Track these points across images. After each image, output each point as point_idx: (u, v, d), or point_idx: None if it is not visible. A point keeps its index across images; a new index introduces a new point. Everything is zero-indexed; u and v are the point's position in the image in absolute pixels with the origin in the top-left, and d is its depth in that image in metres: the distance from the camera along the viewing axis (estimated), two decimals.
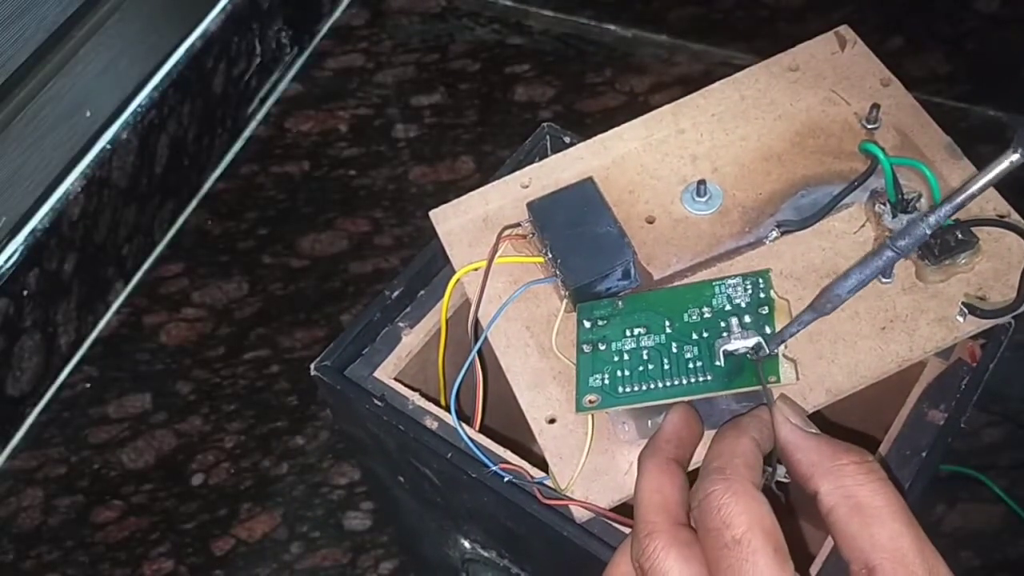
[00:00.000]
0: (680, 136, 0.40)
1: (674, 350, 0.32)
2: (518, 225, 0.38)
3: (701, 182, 0.38)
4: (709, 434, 0.32)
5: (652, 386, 0.32)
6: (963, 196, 0.27)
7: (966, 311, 0.34)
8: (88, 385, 0.65)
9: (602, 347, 0.33)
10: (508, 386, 0.36)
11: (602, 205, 0.37)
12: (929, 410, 0.37)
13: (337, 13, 0.83)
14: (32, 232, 0.61)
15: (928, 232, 0.29)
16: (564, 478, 0.33)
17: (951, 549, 0.54)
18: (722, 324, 0.32)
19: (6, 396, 0.61)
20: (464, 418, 0.37)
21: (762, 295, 0.32)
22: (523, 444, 0.37)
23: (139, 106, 0.67)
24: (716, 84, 0.41)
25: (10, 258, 0.60)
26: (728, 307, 0.33)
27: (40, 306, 0.62)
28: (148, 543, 0.58)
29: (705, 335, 0.32)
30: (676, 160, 0.39)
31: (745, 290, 0.33)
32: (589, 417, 0.33)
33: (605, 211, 0.36)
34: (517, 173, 0.40)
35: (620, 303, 0.34)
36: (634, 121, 0.41)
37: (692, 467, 0.32)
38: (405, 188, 0.73)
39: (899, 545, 0.26)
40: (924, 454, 0.36)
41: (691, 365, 0.32)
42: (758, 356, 0.31)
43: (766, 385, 0.30)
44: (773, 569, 0.26)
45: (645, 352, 0.33)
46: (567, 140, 0.43)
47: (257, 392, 0.64)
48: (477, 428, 0.37)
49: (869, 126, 0.39)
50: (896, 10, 0.77)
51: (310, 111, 0.78)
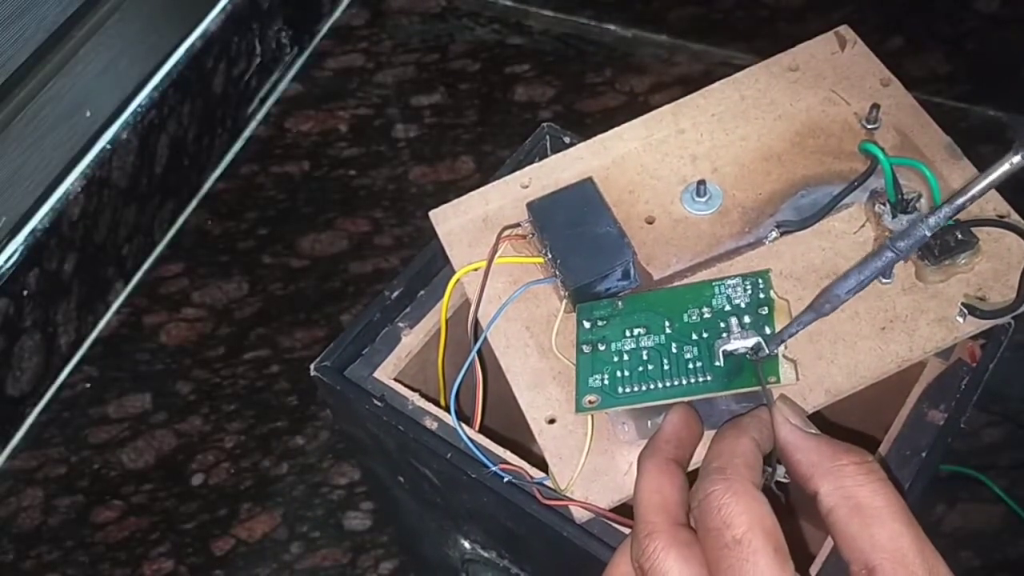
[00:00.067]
0: (680, 136, 0.40)
1: (674, 350, 0.32)
2: (518, 225, 0.38)
3: (701, 182, 0.38)
4: (709, 434, 0.32)
5: (652, 386, 0.32)
6: (964, 198, 0.28)
7: (966, 311, 0.34)
8: (88, 385, 0.65)
9: (602, 347, 0.33)
10: (508, 386, 0.36)
11: (602, 205, 0.37)
12: (929, 410, 0.37)
13: (337, 13, 0.83)
14: (32, 232, 0.61)
15: (928, 234, 0.29)
16: (564, 478, 0.33)
17: (951, 549, 0.54)
18: (722, 324, 0.32)
19: (6, 396, 0.61)
20: (464, 418, 0.37)
21: (762, 295, 0.32)
22: (523, 444, 0.37)
23: (139, 106, 0.67)
24: (716, 84, 0.41)
25: (10, 258, 0.60)
26: (728, 307, 0.33)
27: (40, 306, 0.62)
28: (148, 543, 0.58)
29: (705, 335, 0.32)
30: (676, 160, 0.39)
31: (745, 290, 0.33)
32: (589, 417, 0.33)
33: (605, 211, 0.36)
34: (517, 173, 0.40)
35: (620, 303, 0.34)
36: (634, 121, 0.41)
37: (692, 467, 0.32)
38: (405, 188, 0.73)
39: (899, 545, 0.26)
40: (924, 454, 0.36)
41: (691, 365, 0.32)
42: (758, 356, 0.31)
43: (766, 385, 0.30)
44: (774, 569, 0.26)
45: (645, 352, 0.33)
46: (567, 140, 0.43)
47: (257, 392, 0.64)
48: (477, 428, 0.37)
49: (869, 126, 0.38)
50: (896, 10, 0.77)
51: (310, 111, 0.78)
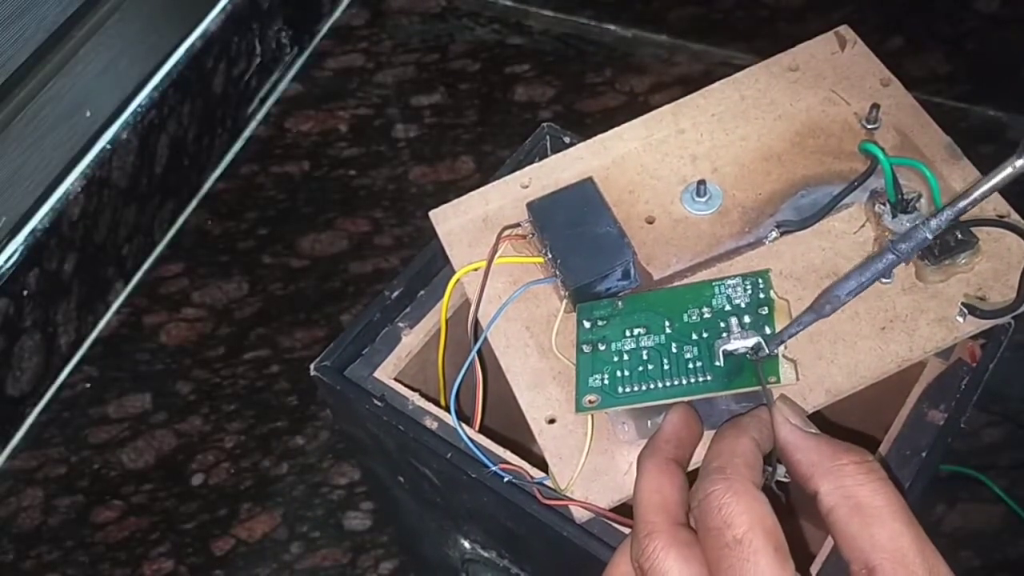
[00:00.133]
0: (680, 136, 0.40)
1: (674, 350, 0.32)
2: (518, 225, 0.38)
3: (701, 182, 0.38)
4: (709, 434, 0.32)
5: (652, 386, 0.32)
6: (966, 201, 0.28)
7: (966, 311, 0.34)
8: (88, 385, 0.65)
9: (602, 347, 0.33)
10: (508, 386, 0.36)
11: (602, 205, 0.37)
12: (929, 410, 0.37)
13: (337, 13, 0.83)
14: (32, 232, 0.61)
15: (930, 236, 0.29)
16: (564, 478, 0.33)
17: (951, 549, 0.54)
18: (722, 324, 0.32)
19: (6, 396, 0.61)
20: (464, 418, 0.37)
21: (762, 295, 0.32)
22: (523, 444, 0.37)
23: (139, 106, 0.67)
24: (716, 84, 0.41)
25: (10, 258, 0.60)
26: (728, 307, 0.33)
27: (40, 306, 0.62)
28: (148, 543, 0.58)
29: (705, 335, 0.32)
30: (676, 160, 0.39)
31: (745, 290, 0.33)
32: (589, 417, 0.33)
33: (605, 211, 0.36)
34: (517, 173, 0.40)
35: (620, 303, 0.34)
36: (634, 121, 0.41)
37: (692, 467, 0.32)
38: (405, 188, 0.73)
39: (899, 545, 0.26)
40: (924, 454, 0.36)
41: (691, 365, 0.32)
42: (758, 356, 0.31)
43: (766, 385, 0.30)
44: (774, 569, 0.26)
45: (645, 352, 0.33)
46: (567, 140, 0.43)
47: (257, 392, 0.64)
48: (477, 428, 0.37)
49: (869, 126, 0.38)
50: (896, 10, 0.77)
51: (310, 111, 0.78)
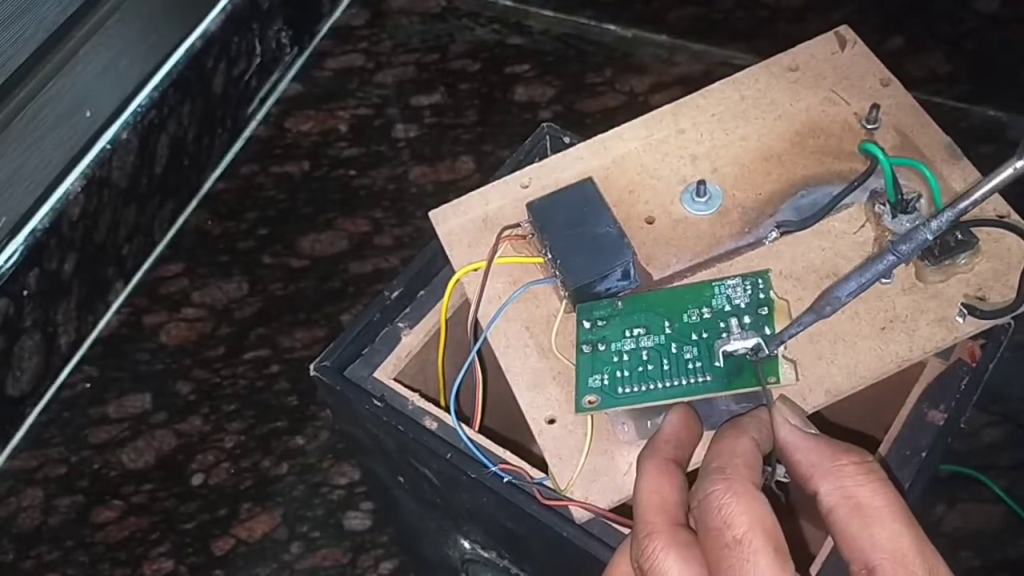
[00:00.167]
0: (680, 136, 0.40)
1: (673, 351, 0.32)
2: (518, 225, 0.38)
3: (701, 182, 0.38)
4: (708, 435, 0.32)
5: (651, 387, 0.32)
6: (966, 202, 0.28)
7: (966, 311, 0.34)
8: (88, 385, 0.65)
9: (602, 347, 0.33)
10: (508, 386, 0.36)
11: (602, 205, 0.37)
12: (929, 410, 0.37)
13: (337, 13, 0.83)
14: (32, 232, 0.61)
15: (930, 237, 0.29)
16: (564, 478, 0.33)
17: (951, 549, 0.54)
18: (722, 325, 0.32)
19: (6, 396, 0.61)
20: (464, 418, 0.37)
21: (762, 295, 0.32)
22: (523, 445, 0.37)
23: (139, 106, 0.67)
24: (716, 84, 0.41)
25: (10, 258, 0.60)
26: (728, 308, 0.33)
27: (40, 306, 0.62)
28: (148, 543, 0.58)
29: (705, 336, 0.32)
30: (676, 160, 0.39)
31: (745, 290, 0.33)
32: (588, 418, 0.33)
33: (605, 211, 0.36)
34: (517, 173, 0.40)
35: (620, 303, 0.34)
36: (634, 121, 0.40)
37: (691, 468, 0.32)
38: (405, 188, 0.73)
39: (899, 545, 0.26)
40: (924, 454, 0.36)
41: (690, 366, 0.32)
42: (757, 357, 0.31)
43: (765, 386, 0.30)
44: (774, 569, 0.26)
45: (645, 352, 0.33)
46: (567, 140, 0.43)
47: (257, 392, 0.64)
48: (477, 428, 0.37)
49: (869, 126, 0.38)
50: (896, 10, 0.77)
51: (310, 111, 0.78)
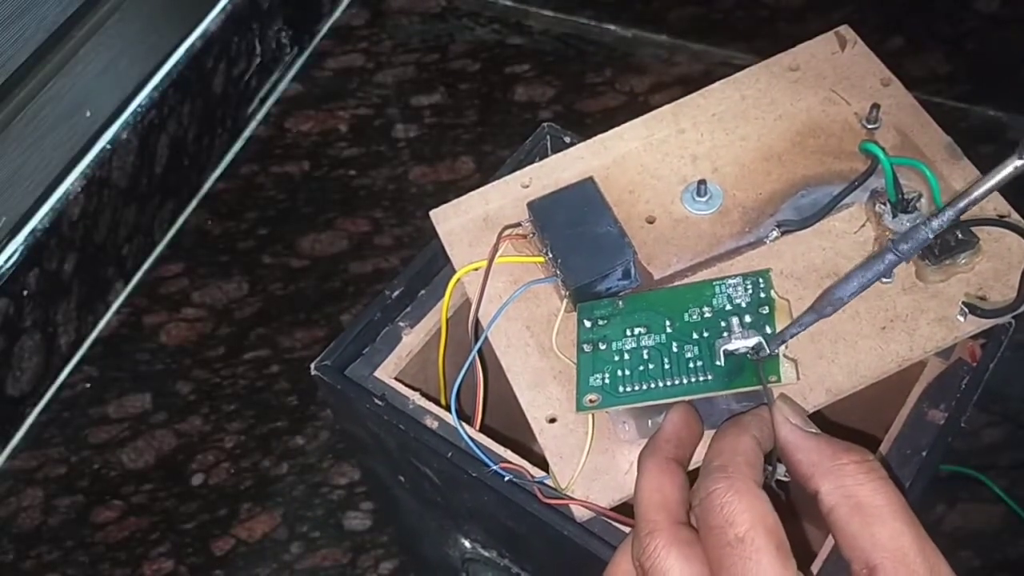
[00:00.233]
0: (680, 136, 0.40)
1: (674, 350, 0.32)
2: (518, 225, 0.38)
3: (701, 182, 0.38)
4: (709, 434, 0.32)
5: (652, 386, 0.32)
6: (966, 201, 0.28)
7: (966, 311, 0.34)
8: (88, 385, 0.65)
9: (602, 347, 0.33)
10: (508, 386, 0.36)
11: (602, 205, 0.37)
12: (929, 410, 0.37)
13: (337, 13, 0.83)
14: (32, 232, 0.61)
15: (931, 236, 0.29)
16: (564, 477, 0.33)
17: (951, 549, 0.53)
18: (722, 324, 0.32)
19: (6, 396, 0.61)
20: (464, 418, 0.37)
21: (762, 295, 0.32)
22: (523, 444, 0.37)
23: (139, 106, 0.67)
24: (716, 84, 0.41)
25: (10, 258, 0.60)
26: (728, 307, 0.33)
27: (40, 306, 0.62)
28: (148, 543, 0.58)
29: (705, 335, 0.32)
30: (676, 160, 0.39)
31: (745, 290, 0.33)
32: (589, 416, 0.33)
33: (605, 211, 0.36)
34: (517, 173, 0.40)
35: (620, 303, 0.34)
36: (634, 121, 0.41)
37: (692, 467, 0.32)
38: (405, 188, 0.73)
39: (900, 544, 0.26)
40: (924, 454, 0.36)
41: (691, 365, 0.32)
42: (758, 356, 0.31)
43: (766, 385, 0.30)
44: (776, 567, 0.26)
45: (645, 352, 0.33)
46: (567, 140, 0.43)
47: (257, 392, 0.64)
48: (477, 428, 0.37)
49: (869, 126, 0.39)
50: (896, 10, 0.77)
51: (310, 111, 0.78)
